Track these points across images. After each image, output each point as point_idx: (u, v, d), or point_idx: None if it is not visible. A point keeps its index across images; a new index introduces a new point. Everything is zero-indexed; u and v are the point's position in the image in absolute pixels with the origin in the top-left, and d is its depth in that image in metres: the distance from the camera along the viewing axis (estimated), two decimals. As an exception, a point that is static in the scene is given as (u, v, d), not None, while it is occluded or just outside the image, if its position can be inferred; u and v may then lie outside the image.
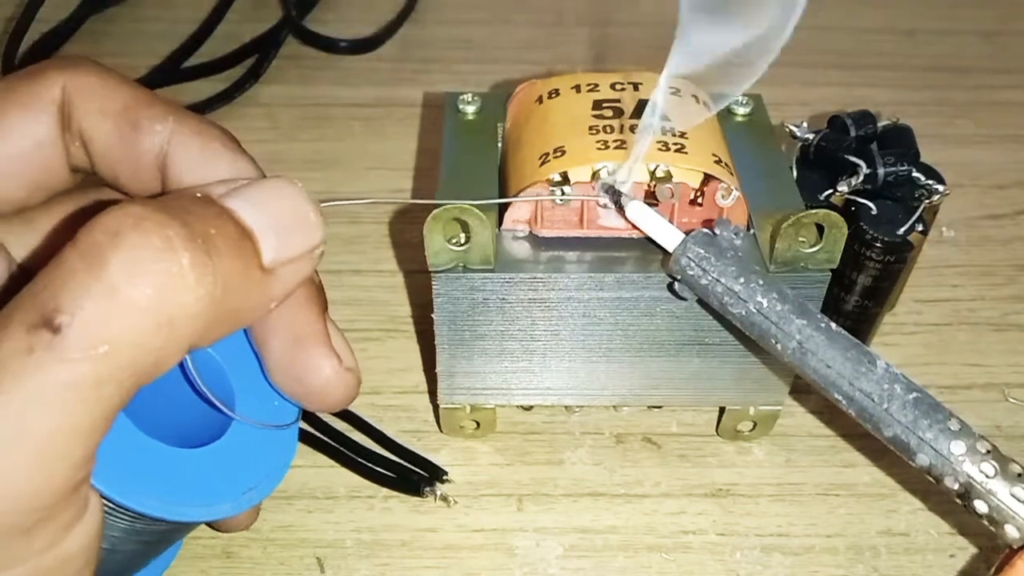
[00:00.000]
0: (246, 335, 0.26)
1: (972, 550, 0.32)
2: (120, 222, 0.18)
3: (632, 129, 0.29)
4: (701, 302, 0.28)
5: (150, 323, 0.18)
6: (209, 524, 0.30)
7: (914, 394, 0.25)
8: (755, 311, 0.26)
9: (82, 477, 0.18)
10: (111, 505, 0.22)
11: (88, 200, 0.26)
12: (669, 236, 0.27)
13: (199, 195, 0.20)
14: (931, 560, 0.32)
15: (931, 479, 0.25)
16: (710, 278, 0.27)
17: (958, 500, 0.25)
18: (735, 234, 0.27)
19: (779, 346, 0.26)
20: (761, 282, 0.26)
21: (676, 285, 0.28)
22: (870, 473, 0.35)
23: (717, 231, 0.27)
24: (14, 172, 0.23)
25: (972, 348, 0.39)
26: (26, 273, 0.24)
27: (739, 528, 0.33)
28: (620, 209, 0.28)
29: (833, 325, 0.26)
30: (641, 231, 0.28)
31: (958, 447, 0.24)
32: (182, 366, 0.21)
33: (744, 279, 0.26)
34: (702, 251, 0.27)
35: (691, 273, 0.27)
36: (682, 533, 0.33)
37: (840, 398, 0.26)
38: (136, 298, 0.17)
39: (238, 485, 0.25)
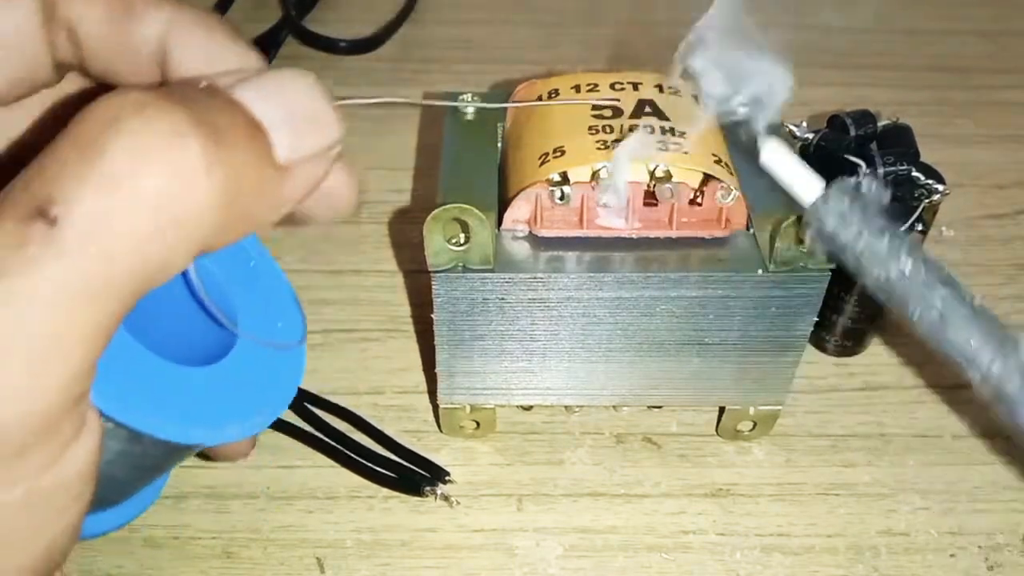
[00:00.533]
0: (249, 251, 0.24)
1: (972, 550, 0.32)
2: (119, 107, 0.16)
3: (632, 129, 0.29)
4: (832, 259, 0.26)
5: (156, 219, 0.16)
6: (204, 455, 0.28)
7: None
8: (896, 275, 0.24)
9: (81, 391, 0.17)
10: (109, 424, 0.20)
11: (77, 88, 0.24)
12: (809, 184, 0.25)
13: (204, 84, 0.18)
14: (931, 560, 0.32)
15: None
16: (852, 234, 0.24)
17: None
18: (879, 192, 0.25)
19: (918, 314, 0.24)
20: (907, 244, 0.24)
21: (808, 239, 0.25)
22: (870, 473, 0.35)
23: (863, 185, 0.25)
24: None
25: (972, 348, 0.39)
26: (7, 168, 0.22)
27: (739, 528, 0.33)
28: (757, 150, 0.26)
29: (978, 299, 0.24)
30: (776, 176, 0.26)
31: None
32: (186, 279, 0.20)
33: (889, 238, 0.24)
34: (847, 203, 0.24)
35: (830, 227, 0.24)
36: (682, 533, 0.33)
37: (976, 376, 0.24)
38: (140, 190, 0.16)
39: (244, 408, 0.23)
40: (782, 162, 0.25)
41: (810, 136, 0.36)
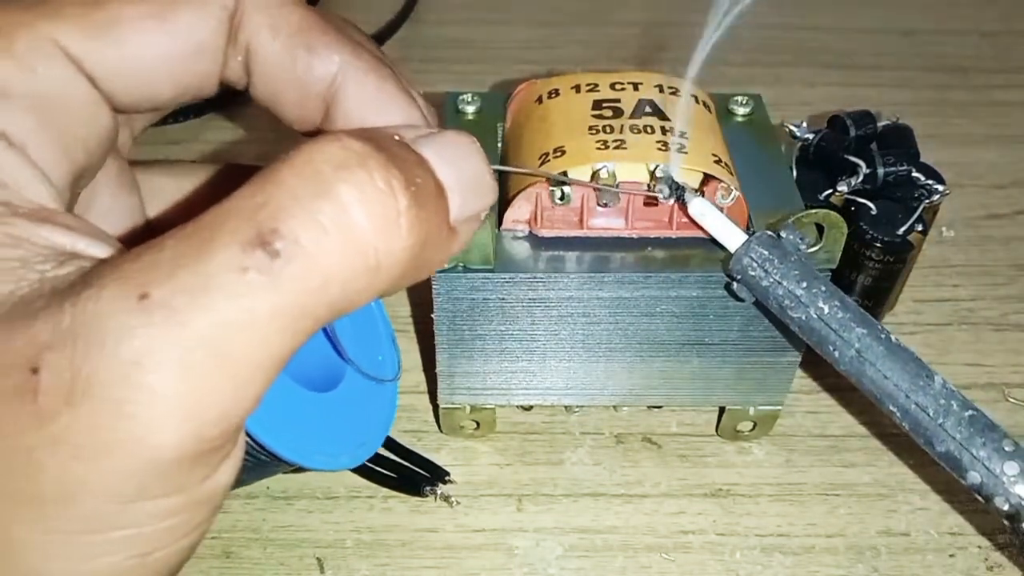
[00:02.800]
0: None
1: (972, 550, 0.32)
2: (345, 156, 0.17)
3: (632, 129, 0.29)
4: (758, 304, 0.28)
5: (361, 264, 0.17)
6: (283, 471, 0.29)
7: (970, 411, 0.25)
8: (815, 316, 0.26)
9: (253, 410, 0.17)
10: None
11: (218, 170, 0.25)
12: (732, 235, 0.27)
13: (397, 138, 0.19)
14: (931, 560, 0.32)
15: (980, 498, 0.25)
16: (772, 280, 0.26)
17: (1006, 521, 0.24)
18: (800, 239, 0.27)
19: (837, 353, 0.26)
20: (824, 288, 0.26)
21: (734, 285, 0.28)
22: (870, 473, 0.35)
23: (782, 234, 0.27)
24: (169, 71, 0.21)
25: (972, 348, 0.39)
26: (152, 230, 0.23)
27: (739, 528, 0.33)
28: (682, 205, 0.28)
29: (893, 337, 0.26)
30: (702, 229, 0.28)
31: (1011, 467, 0.24)
32: None
33: (807, 283, 0.26)
34: (766, 252, 0.26)
35: (752, 274, 0.26)
36: (682, 533, 0.33)
37: (895, 410, 0.25)
38: (356, 236, 0.17)
39: (351, 437, 0.24)
40: (708, 215, 0.27)
41: (810, 136, 0.36)
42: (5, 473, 0.16)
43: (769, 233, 0.27)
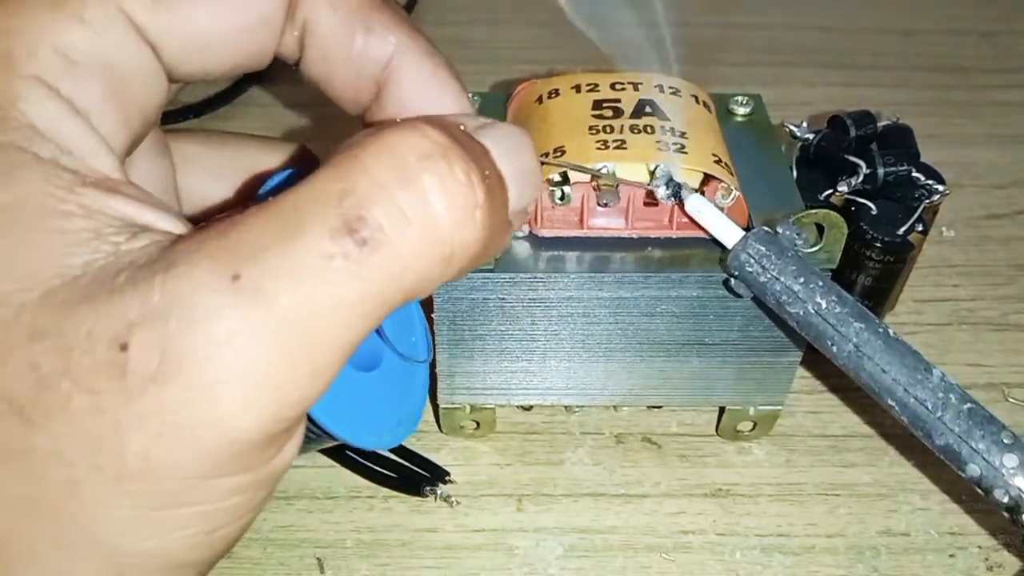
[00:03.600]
0: None
1: (972, 550, 0.32)
2: (428, 146, 0.17)
3: (632, 129, 0.29)
4: (756, 300, 0.28)
5: (438, 254, 0.17)
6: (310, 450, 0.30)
7: (968, 404, 0.25)
8: (813, 312, 0.26)
9: (324, 393, 0.18)
10: None
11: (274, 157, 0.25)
12: (729, 232, 0.27)
13: (462, 128, 0.19)
14: (931, 560, 0.32)
15: (979, 490, 0.25)
16: (769, 276, 0.26)
17: (1005, 513, 0.24)
18: (796, 234, 0.27)
19: (835, 348, 0.26)
20: (821, 283, 0.26)
21: (732, 282, 0.28)
22: (870, 473, 0.35)
23: (779, 230, 0.27)
24: (229, 44, 0.20)
25: (972, 348, 0.39)
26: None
27: (739, 528, 0.33)
28: (679, 202, 0.28)
29: (891, 331, 0.26)
30: (699, 226, 0.28)
31: (1010, 460, 0.24)
32: None
33: (804, 279, 0.26)
34: (763, 248, 0.26)
35: (749, 270, 0.27)
36: (682, 533, 0.33)
37: (893, 404, 0.25)
38: (437, 226, 0.17)
39: (390, 417, 0.25)
40: (705, 212, 0.28)
41: (810, 136, 0.36)
42: (90, 447, 0.16)
43: (766, 229, 0.27)
